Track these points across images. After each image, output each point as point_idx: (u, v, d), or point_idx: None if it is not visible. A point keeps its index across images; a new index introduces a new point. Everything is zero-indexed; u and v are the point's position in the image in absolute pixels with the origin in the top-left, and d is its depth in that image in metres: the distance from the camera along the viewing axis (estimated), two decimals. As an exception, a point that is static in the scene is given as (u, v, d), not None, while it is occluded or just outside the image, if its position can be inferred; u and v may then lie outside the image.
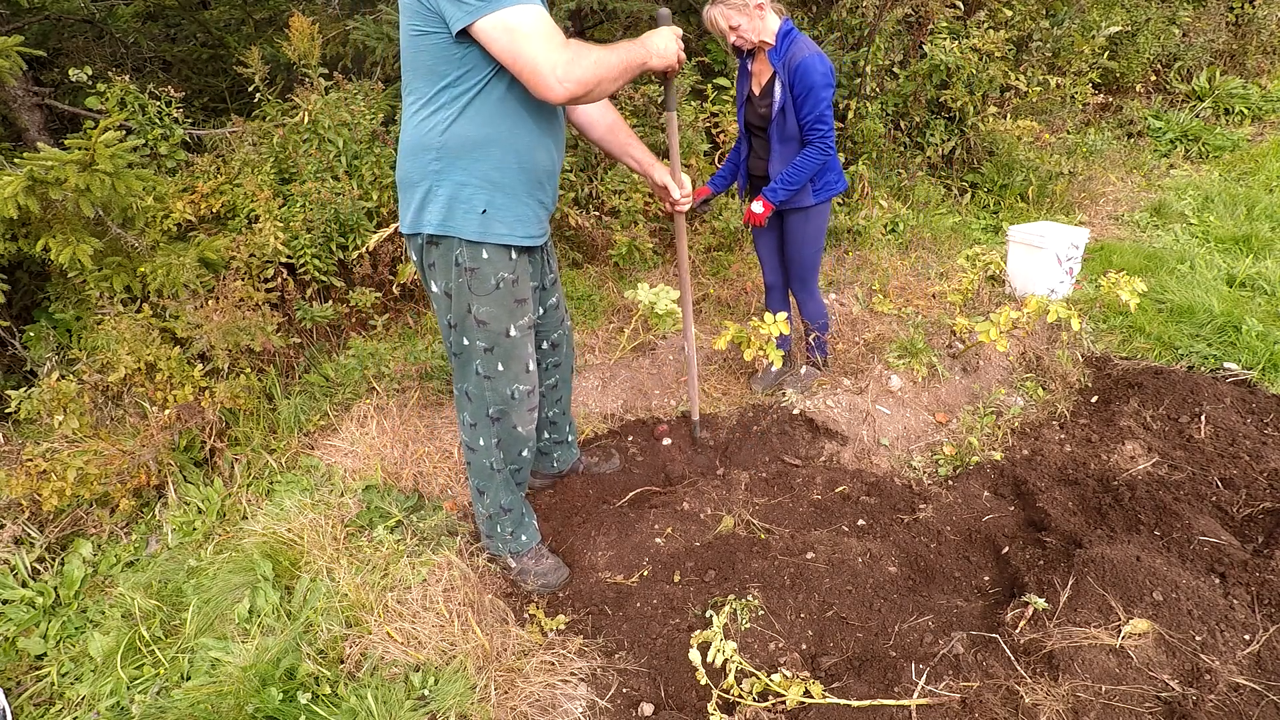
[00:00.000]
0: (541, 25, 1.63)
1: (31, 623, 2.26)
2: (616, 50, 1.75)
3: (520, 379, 2.06)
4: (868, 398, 3.00)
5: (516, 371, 2.05)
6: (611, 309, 3.87)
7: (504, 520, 2.25)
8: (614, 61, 1.73)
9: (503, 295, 1.95)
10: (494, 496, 2.22)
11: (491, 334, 1.99)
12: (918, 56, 4.93)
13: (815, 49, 2.61)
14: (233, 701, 1.87)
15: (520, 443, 2.18)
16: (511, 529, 2.27)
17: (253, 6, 4.72)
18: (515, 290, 1.97)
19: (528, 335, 2.04)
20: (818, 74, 2.56)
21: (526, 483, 2.32)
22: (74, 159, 2.56)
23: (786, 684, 1.75)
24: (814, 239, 2.92)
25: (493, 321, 1.97)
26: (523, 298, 2.00)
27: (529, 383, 2.09)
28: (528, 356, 2.06)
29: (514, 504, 2.26)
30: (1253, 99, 6.59)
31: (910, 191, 4.93)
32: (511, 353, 2.02)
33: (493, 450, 2.16)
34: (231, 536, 2.49)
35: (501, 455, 2.17)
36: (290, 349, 3.38)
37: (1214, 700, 1.66)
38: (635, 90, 4.30)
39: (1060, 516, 2.35)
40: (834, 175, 2.83)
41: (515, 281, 1.96)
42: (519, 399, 2.08)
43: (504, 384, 2.05)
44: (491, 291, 1.94)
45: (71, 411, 2.70)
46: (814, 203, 2.82)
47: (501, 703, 1.87)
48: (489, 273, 1.92)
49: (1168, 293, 3.73)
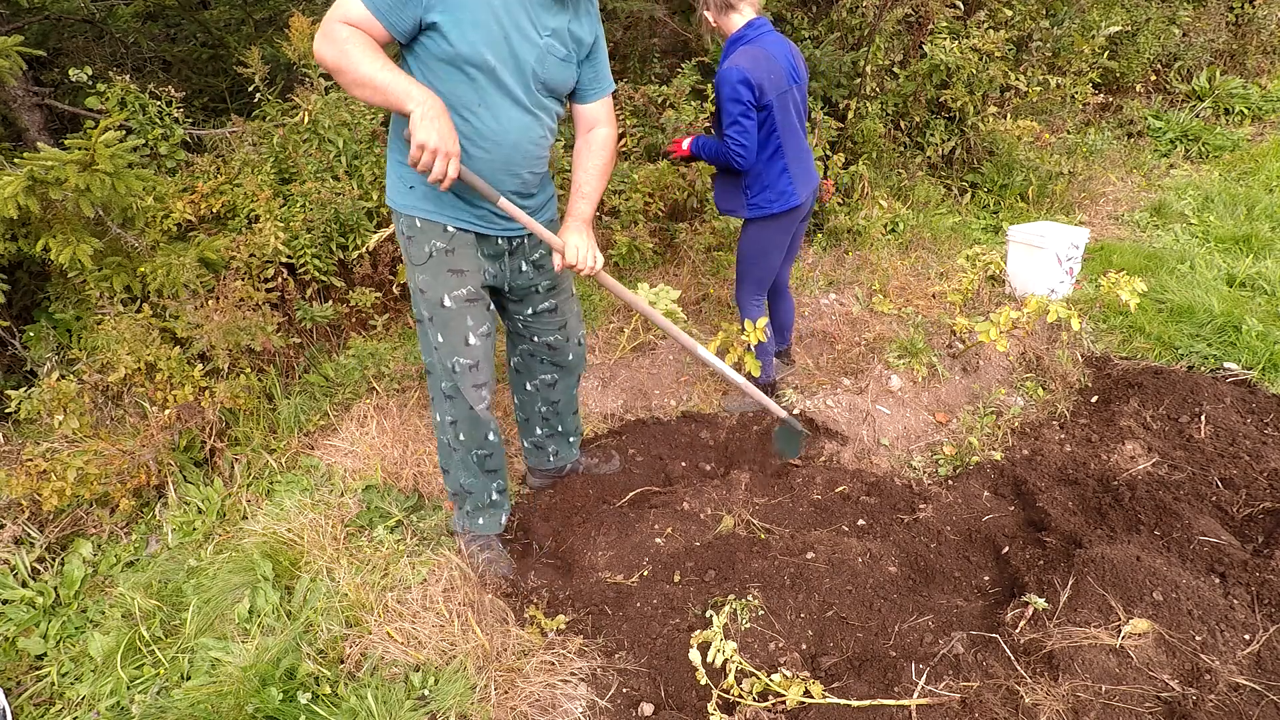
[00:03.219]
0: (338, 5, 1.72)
1: (31, 623, 2.26)
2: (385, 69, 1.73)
3: (459, 351, 2.09)
4: (868, 398, 3.00)
5: (455, 344, 2.08)
6: (611, 309, 3.87)
7: (464, 500, 2.31)
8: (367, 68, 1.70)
9: (436, 265, 2.01)
10: (454, 475, 2.28)
11: (429, 303, 2.06)
12: (918, 56, 4.93)
13: (741, 61, 2.52)
14: (233, 701, 1.87)
15: (480, 425, 2.19)
16: (470, 509, 2.32)
17: (253, 6, 4.72)
18: (449, 260, 2.01)
19: (466, 309, 2.06)
20: (726, 87, 2.52)
21: (501, 470, 2.32)
22: (74, 159, 2.56)
23: (786, 684, 1.75)
24: (748, 254, 2.88)
25: (429, 290, 2.04)
26: (458, 269, 2.02)
27: (470, 356, 2.10)
28: (467, 330, 2.07)
29: (476, 487, 2.29)
30: (1253, 99, 6.59)
31: (910, 191, 4.93)
32: (449, 323, 2.06)
33: (447, 428, 2.21)
34: (231, 536, 2.49)
35: (461, 436, 2.20)
36: (290, 349, 3.37)
37: (1214, 700, 1.66)
38: (635, 90, 4.30)
39: (1060, 516, 2.35)
40: (771, 194, 2.73)
41: (450, 252, 2.01)
42: (460, 372, 2.11)
43: (446, 355, 2.10)
44: (426, 260, 2.01)
45: (71, 411, 2.70)
46: (747, 215, 2.78)
47: (501, 703, 1.87)
48: (423, 241, 2.00)
49: (1168, 293, 3.73)
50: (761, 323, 2.76)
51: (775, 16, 4.93)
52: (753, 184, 2.73)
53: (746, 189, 2.75)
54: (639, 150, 4.37)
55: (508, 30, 1.80)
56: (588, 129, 2.16)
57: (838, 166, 4.46)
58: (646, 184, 4.08)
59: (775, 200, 2.74)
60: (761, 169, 2.70)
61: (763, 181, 2.72)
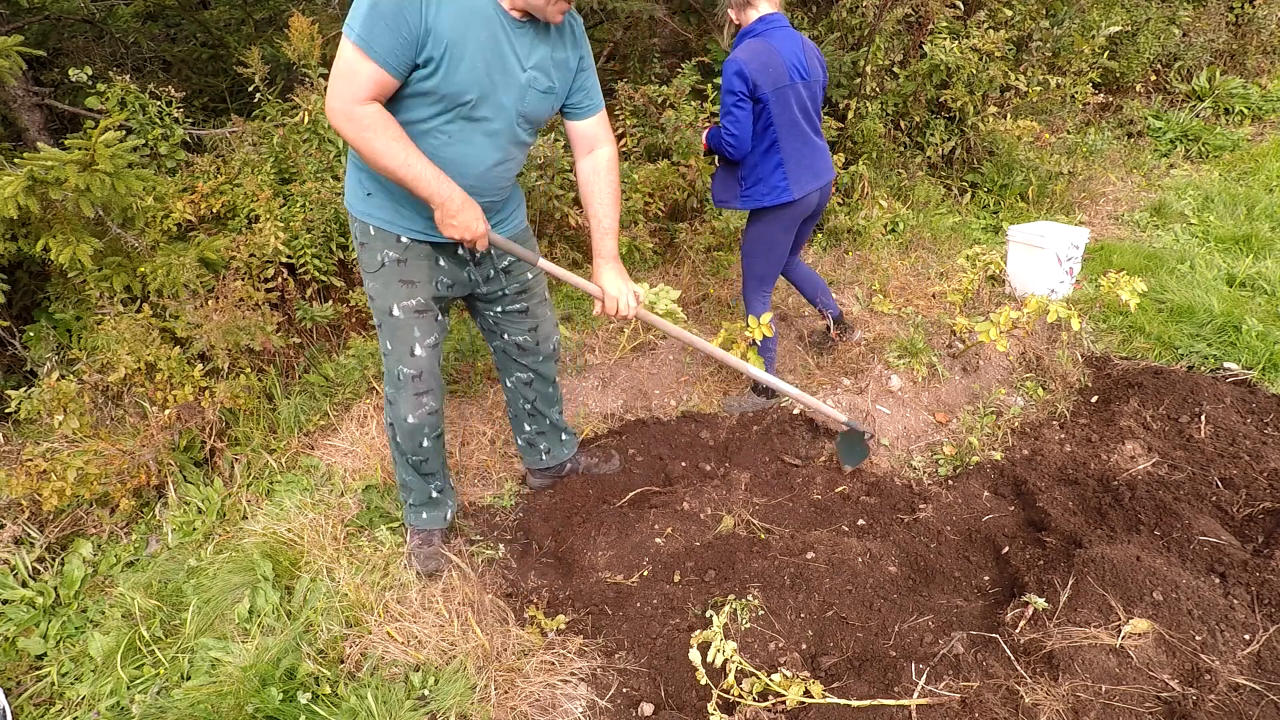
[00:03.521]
0: (342, 65, 1.67)
1: (31, 623, 2.26)
2: (409, 162, 1.74)
3: (405, 361, 2.09)
4: (868, 398, 3.00)
5: (401, 353, 2.08)
6: (611, 309, 3.86)
7: (408, 494, 2.34)
8: (392, 161, 1.72)
9: (387, 274, 2.00)
10: (399, 468, 2.31)
11: (379, 310, 2.06)
12: (918, 56, 4.93)
13: (741, 54, 2.57)
14: (233, 701, 1.87)
15: (415, 433, 2.19)
16: (414, 503, 2.36)
17: (253, 6, 4.72)
18: (400, 270, 2.00)
19: (414, 319, 2.05)
20: (724, 77, 2.59)
21: (438, 472, 2.32)
22: (74, 159, 2.56)
23: (786, 684, 1.75)
24: (752, 249, 2.91)
25: (378, 298, 2.04)
26: (410, 279, 2.01)
27: (414, 366, 2.10)
28: (414, 340, 2.07)
29: (415, 484, 2.31)
30: (1253, 99, 6.59)
31: (910, 191, 4.93)
32: (396, 332, 2.06)
33: (388, 428, 2.23)
34: (231, 536, 2.49)
35: (398, 439, 2.21)
36: (290, 349, 3.38)
37: (1214, 700, 1.66)
38: (635, 90, 4.30)
39: (1060, 516, 2.35)
40: (764, 188, 2.74)
41: (402, 262, 1.99)
42: (404, 381, 2.11)
43: (393, 362, 2.11)
44: (378, 269, 2.00)
45: (71, 411, 2.70)
46: (739, 207, 2.82)
47: (501, 703, 1.87)
48: (375, 249, 1.99)
49: (1168, 293, 3.72)
50: (765, 318, 2.78)
51: (775, 16, 4.93)
52: (747, 176, 2.76)
53: (741, 180, 2.78)
54: (639, 150, 4.37)
55: (491, 68, 1.78)
56: (588, 149, 2.12)
57: (838, 166, 4.46)
58: (646, 184, 4.08)
59: (767, 194, 2.76)
60: (756, 161, 2.73)
61: (757, 174, 2.74)
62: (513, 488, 2.72)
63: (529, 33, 1.83)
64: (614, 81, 4.56)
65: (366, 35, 1.63)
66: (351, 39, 1.64)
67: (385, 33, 1.63)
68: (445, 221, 1.83)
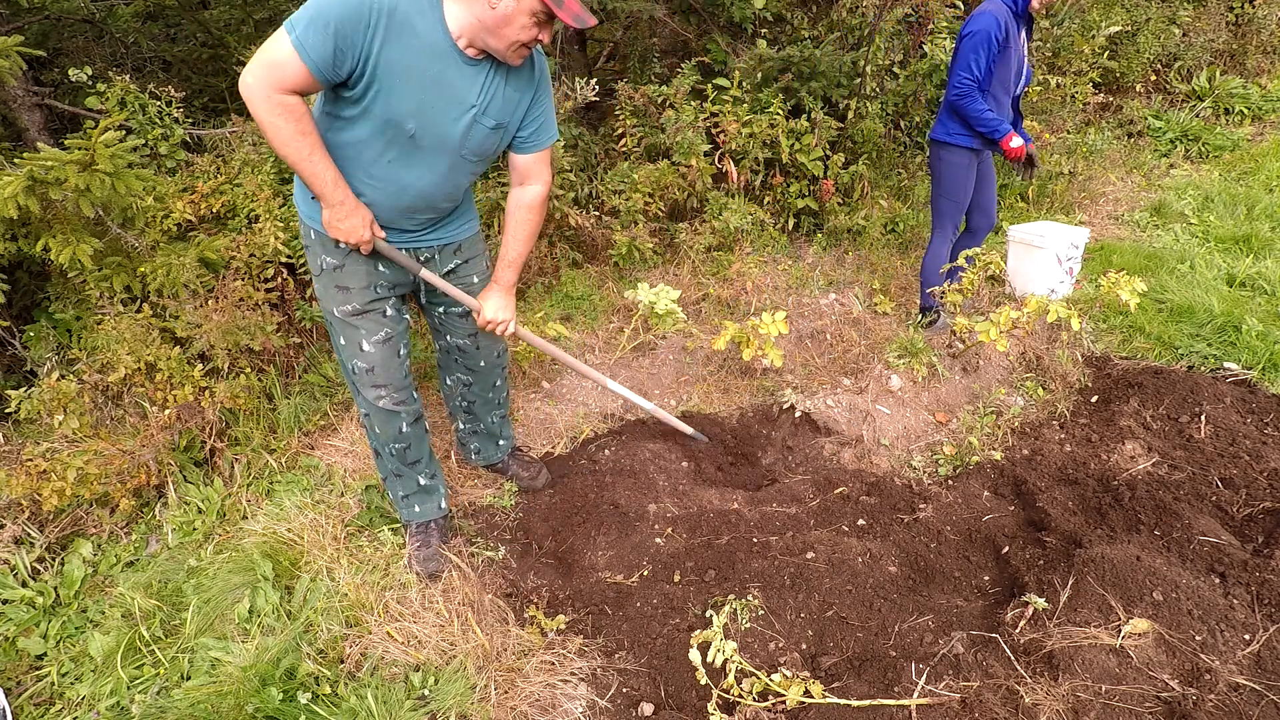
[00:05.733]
0: (274, 55, 1.67)
1: (31, 623, 2.26)
2: (311, 159, 1.76)
3: (356, 356, 2.12)
4: (868, 398, 3.00)
5: (351, 350, 2.12)
6: (611, 309, 3.87)
7: (396, 486, 2.35)
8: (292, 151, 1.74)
9: (326, 279, 2.04)
10: (383, 461, 2.32)
11: (324, 310, 2.11)
12: (918, 56, 4.93)
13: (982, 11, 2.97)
14: (233, 701, 1.87)
15: (392, 420, 2.20)
16: (404, 495, 2.35)
17: (253, 6, 4.70)
18: (336, 277, 2.03)
19: (355, 320, 2.08)
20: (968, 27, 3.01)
21: (423, 459, 2.33)
22: (74, 159, 2.55)
23: (786, 684, 1.75)
24: (939, 184, 3.24)
25: (322, 299, 2.09)
26: (345, 286, 2.03)
27: (366, 361, 2.12)
28: (360, 338, 2.10)
29: (402, 472, 2.32)
30: (1253, 99, 6.59)
31: (910, 191, 4.93)
32: (343, 331, 2.10)
33: (364, 419, 2.25)
34: (231, 536, 2.49)
35: (376, 429, 2.23)
36: (290, 349, 3.37)
37: (1214, 700, 1.66)
38: (635, 90, 4.30)
39: (1060, 516, 2.35)
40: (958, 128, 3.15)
41: (339, 269, 2.02)
42: (358, 374, 2.14)
43: (346, 357, 2.14)
44: (319, 272, 2.05)
45: (71, 411, 2.70)
46: (939, 138, 3.17)
47: (501, 702, 1.87)
48: (316, 252, 2.03)
49: (1168, 293, 3.72)
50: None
51: (775, 16, 4.94)
52: None
53: None
54: (639, 150, 4.37)
55: (431, 102, 1.79)
56: (520, 182, 2.12)
57: (838, 166, 4.46)
58: (646, 184, 4.08)
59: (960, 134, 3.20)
60: None
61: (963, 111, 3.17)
62: (512, 487, 2.72)
63: (483, 71, 1.84)
64: (614, 81, 4.55)
65: (304, 39, 1.64)
66: (291, 39, 1.65)
67: (322, 43, 1.64)
68: (332, 223, 1.88)
